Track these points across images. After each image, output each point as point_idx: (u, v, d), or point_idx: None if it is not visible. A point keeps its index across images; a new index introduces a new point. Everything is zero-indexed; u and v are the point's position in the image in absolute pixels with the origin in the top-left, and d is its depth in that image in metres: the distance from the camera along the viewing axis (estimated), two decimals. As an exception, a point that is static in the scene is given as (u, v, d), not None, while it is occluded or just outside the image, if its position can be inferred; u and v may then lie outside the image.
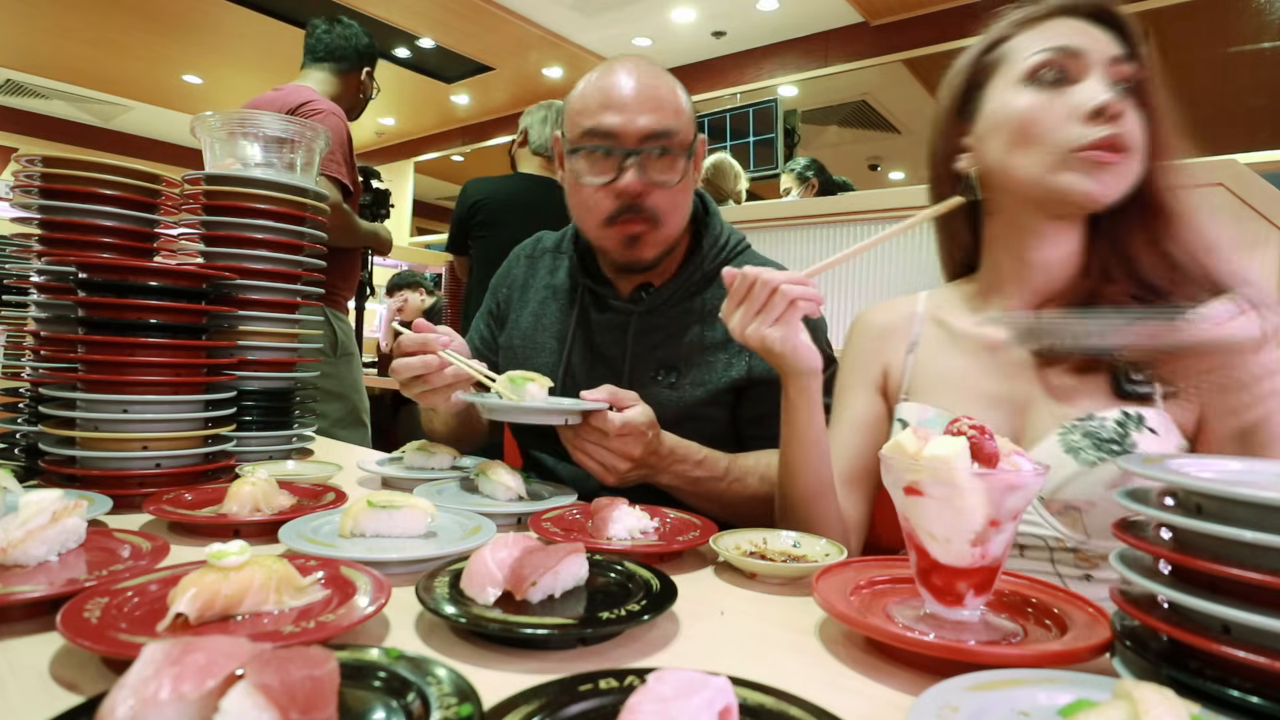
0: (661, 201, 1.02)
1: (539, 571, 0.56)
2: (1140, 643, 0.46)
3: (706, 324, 1.10)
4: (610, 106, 0.99)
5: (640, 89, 1.00)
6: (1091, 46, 0.77)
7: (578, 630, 0.51)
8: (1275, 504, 0.39)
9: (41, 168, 1.00)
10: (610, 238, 1.05)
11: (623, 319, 1.13)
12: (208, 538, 0.73)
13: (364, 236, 2.25)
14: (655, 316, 1.11)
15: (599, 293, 1.14)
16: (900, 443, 0.54)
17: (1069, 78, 0.76)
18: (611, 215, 1.02)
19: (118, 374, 0.90)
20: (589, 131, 1.00)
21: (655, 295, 1.11)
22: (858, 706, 0.45)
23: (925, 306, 0.95)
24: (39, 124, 8.11)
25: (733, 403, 1.10)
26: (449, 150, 8.27)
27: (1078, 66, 0.76)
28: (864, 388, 0.95)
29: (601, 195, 1.02)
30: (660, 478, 0.96)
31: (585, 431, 0.88)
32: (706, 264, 1.12)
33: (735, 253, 1.15)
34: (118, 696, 0.33)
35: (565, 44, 5.98)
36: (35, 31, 6.05)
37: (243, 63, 6.63)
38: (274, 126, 1.20)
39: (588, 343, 1.15)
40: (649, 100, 1.00)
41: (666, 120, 1.00)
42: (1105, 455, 0.73)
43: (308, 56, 2.30)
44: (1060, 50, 0.77)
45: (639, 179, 1.00)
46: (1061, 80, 0.77)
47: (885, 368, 0.95)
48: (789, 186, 3.93)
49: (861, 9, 5.08)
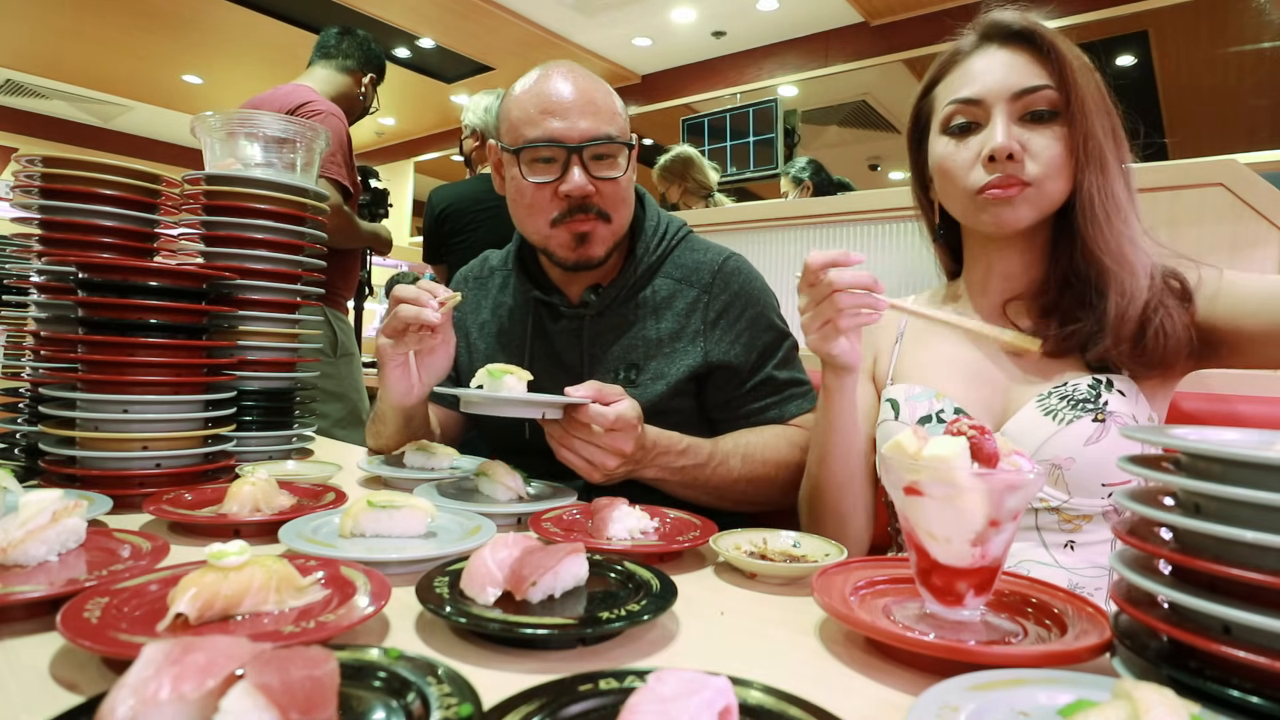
0: (608, 198, 1.05)
1: (539, 571, 0.56)
2: (1140, 643, 0.46)
3: (658, 316, 1.11)
4: (552, 113, 1.02)
5: (578, 94, 1.03)
6: (994, 89, 0.83)
7: (578, 630, 0.51)
8: (1275, 504, 0.39)
9: (41, 168, 1.00)
10: (558, 238, 1.06)
11: (576, 325, 1.14)
12: (208, 538, 0.73)
13: (365, 237, 2.25)
14: (608, 317, 1.12)
15: (549, 302, 1.15)
16: (900, 443, 0.54)
17: (976, 124, 0.85)
18: (559, 215, 1.05)
19: (118, 374, 0.90)
20: (533, 138, 1.03)
21: (604, 295, 1.12)
22: (858, 706, 0.45)
23: (913, 304, 0.99)
24: (39, 124, 8.11)
25: (695, 390, 1.11)
26: (449, 150, 8.26)
27: (980, 113, 0.85)
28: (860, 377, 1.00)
29: (548, 196, 1.04)
30: (645, 471, 0.95)
31: (573, 427, 0.87)
32: (649, 255, 1.13)
33: (677, 239, 1.16)
34: (118, 696, 0.33)
35: (565, 44, 5.98)
36: (35, 31, 6.05)
37: (243, 63, 6.62)
38: (274, 127, 1.20)
39: (548, 353, 1.16)
40: (588, 105, 1.03)
41: (605, 123, 1.03)
42: (1080, 414, 0.80)
43: (316, 53, 2.32)
44: (963, 102, 0.85)
45: (585, 178, 1.02)
46: (968, 128, 0.86)
47: (875, 357, 1.02)
48: (786, 190, 3.93)
49: (861, 9, 5.08)
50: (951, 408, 0.88)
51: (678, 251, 1.16)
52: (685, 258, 1.15)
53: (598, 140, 1.02)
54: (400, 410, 1.10)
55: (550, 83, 1.04)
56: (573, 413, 0.87)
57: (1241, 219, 1.24)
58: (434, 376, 1.05)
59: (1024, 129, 0.83)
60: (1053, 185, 0.83)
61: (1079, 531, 0.82)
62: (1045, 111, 0.82)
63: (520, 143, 1.04)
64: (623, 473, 0.92)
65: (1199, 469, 0.45)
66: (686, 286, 1.12)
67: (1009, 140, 0.81)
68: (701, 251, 1.15)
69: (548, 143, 1.02)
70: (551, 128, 1.01)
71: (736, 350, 1.09)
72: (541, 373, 1.14)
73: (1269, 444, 0.44)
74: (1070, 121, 0.81)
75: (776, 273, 1.99)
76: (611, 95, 1.07)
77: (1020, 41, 0.84)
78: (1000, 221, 0.84)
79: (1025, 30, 0.84)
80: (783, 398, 1.11)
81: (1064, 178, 0.83)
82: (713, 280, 1.12)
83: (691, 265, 1.14)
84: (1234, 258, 1.24)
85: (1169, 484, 0.45)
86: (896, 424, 0.91)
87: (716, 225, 2.19)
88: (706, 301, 1.11)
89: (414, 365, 1.02)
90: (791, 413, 1.11)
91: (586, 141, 1.02)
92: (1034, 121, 0.82)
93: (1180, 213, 1.29)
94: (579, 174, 1.02)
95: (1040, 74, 0.82)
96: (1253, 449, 0.40)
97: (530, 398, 0.86)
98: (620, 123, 1.06)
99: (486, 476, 0.92)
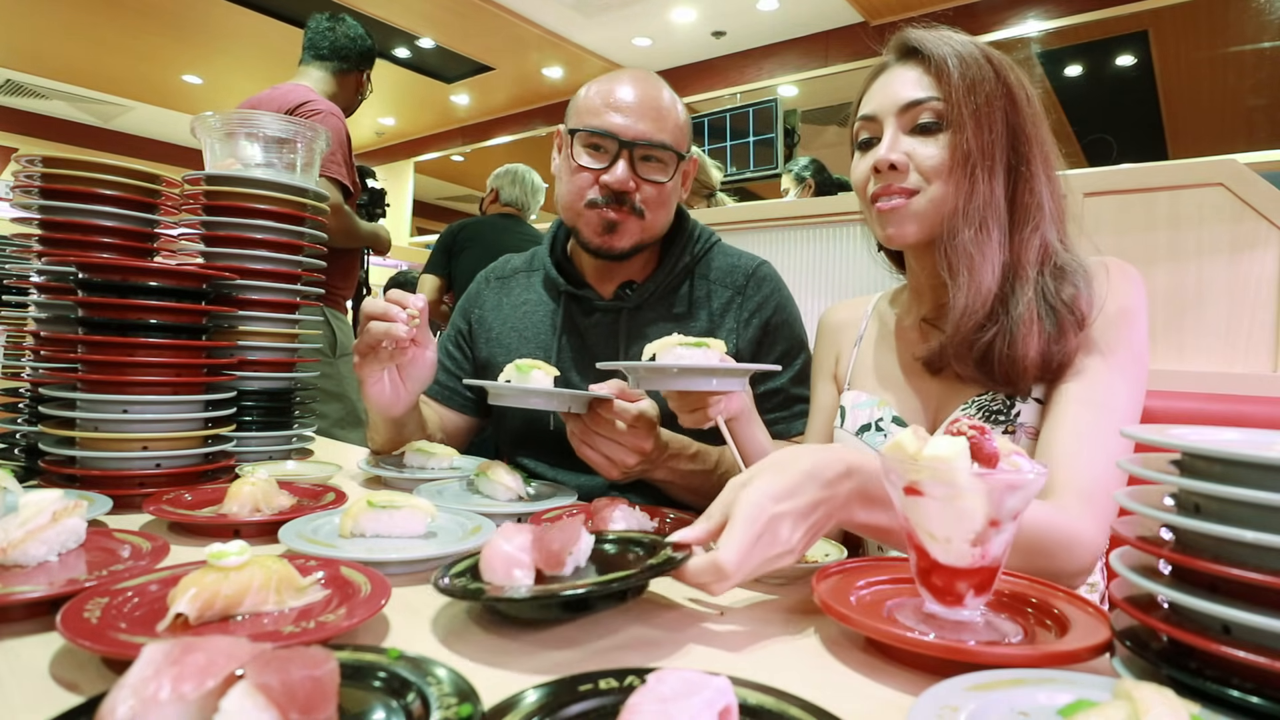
0: (648, 198, 1.08)
1: (571, 541, 0.58)
2: (1140, 643, 0.46)
3: (692, 315, 1.15)
4: (615, 109, 1.07)
5: (644, 99, 1.08)
6: (884, 104, 0.86)
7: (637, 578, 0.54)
8: (1275, 504, 0.39)
9: (41, 168, 1.00)
10: (588, 219, 1.10)
11: (612, 318, 1.15)
12: (208, 538, 0.73)
13: (365, 237, 2.25)
14: (645, 311, 1.15)
15: (582, 297, 1.17)
16: (900, 443, 0.54)
17: (874, 138, 0.88)
18: (595, 200, 1.08)
19: (118, 374, 0.90)
20: (592, 126, 1.07)
21: (640, 290, 1.14)
22: (858, 706, 0.45)
23: (875, 304, 1.05)
24: (39, 124, 8.11)
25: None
26: (449, 150, 8.27)
27: (876, 128, 0.87)
28: (824, 378, 1.05)
29: (590, 180, 1.08)
30: (656, 473, 0.97)
31: (596, 423, 0.89)
32: (685, 257, 1.17)
33: (710, 245, 1.20)
34: (118, 696, 0.33)
35: (565, 44, 5.98)
36: (35, 31, 6.05)
37: (243, 63, 6.63)
38: (274, 127, 1.20)
39: (578, 348, 1.17)
40: (651, 110, 1.07)
41: (663, 132, 1.07)
42: (992, 426, 0.81)
43: (308, 53, 2.30)
44: (863, 119, 0.89)
45: (628, 173, 1.06)
46: (869, 143, 0.89)
47: (837, 358, 1.05)
48: (788, 187, 3.94)
49: (861, 9, 5.08)
50: (890, 416, 0.90)
51: (710, 255, 1.19)
52: (719, 261, 1.19)
53: (651, 143, 1.06)
54: (388, 420, 1.10)
55: (623, 82, 1.09)
56: (597, 408, 0.89)
57: (1241, 219, 1.24)
58: (418, 384, 1.05)
59: (914, 140, 0.84)
60: (937, 192, 0.83)
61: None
62: (931, 123, 0.83)
63: (581, 126, 1.08)
64: (639, 471, 0.93)
65: (1199, 469, 0.45)
66: (721, 288, 1.16)
67: (888, 151, 0.84)
68: (735, 256, 1.20)
69: (604, 133, 1.06)
70: (611, 121, 1.06)
71: (761, 352, 1.13)
72: (570, 367, 1.16)
73: (1269, 444, 0.44)
74: (954, 130, 0.82)
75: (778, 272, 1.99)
76: (677, 109, 1.11)
77: (914, 57, 0.86)
78: (889, 235, 0.86)
79: (915, 46, 0.86)
80: (790, 414, 1.13)
81: (950, 185, 0.83)
82: (747, 283, 1.16)
83: (726, 268, 1.18)
84: (1234, 258, 1.25)
85: (1169, 484, 0.45)
86: (841, 432, 0.95)
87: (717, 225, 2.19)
88: (740, 302, 1.14)
89: (396, 376, 1.02)
90: (797, 430, 1.12)
91: (640, 141, 1.06)
92: (922, 133, 0.84)
93: (1180, 213, 1.29)
94: (624, 168, 1.06)
95: (928, 86, 0.84)
96: (1253, 449, 0.40)
97: (556, 391, 0.88)
98: (679, 135, 1.10)
99: (486, 476, 0.92)
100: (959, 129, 0.82)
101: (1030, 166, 0.83)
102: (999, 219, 0.82)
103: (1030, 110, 0.84)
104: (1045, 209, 0.83)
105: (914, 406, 0.91)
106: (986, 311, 0.80)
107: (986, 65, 0.83)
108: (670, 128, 1.08)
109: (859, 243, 1.85)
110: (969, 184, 0.81)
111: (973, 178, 0.81)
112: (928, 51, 0.85)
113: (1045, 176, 0.84)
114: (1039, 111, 0.85)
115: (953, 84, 0.82)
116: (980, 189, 0.81)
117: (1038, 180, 0.83)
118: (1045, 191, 0.83)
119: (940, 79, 0.83)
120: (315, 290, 1.22)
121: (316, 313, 1.26)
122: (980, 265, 0.81)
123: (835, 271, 1.93)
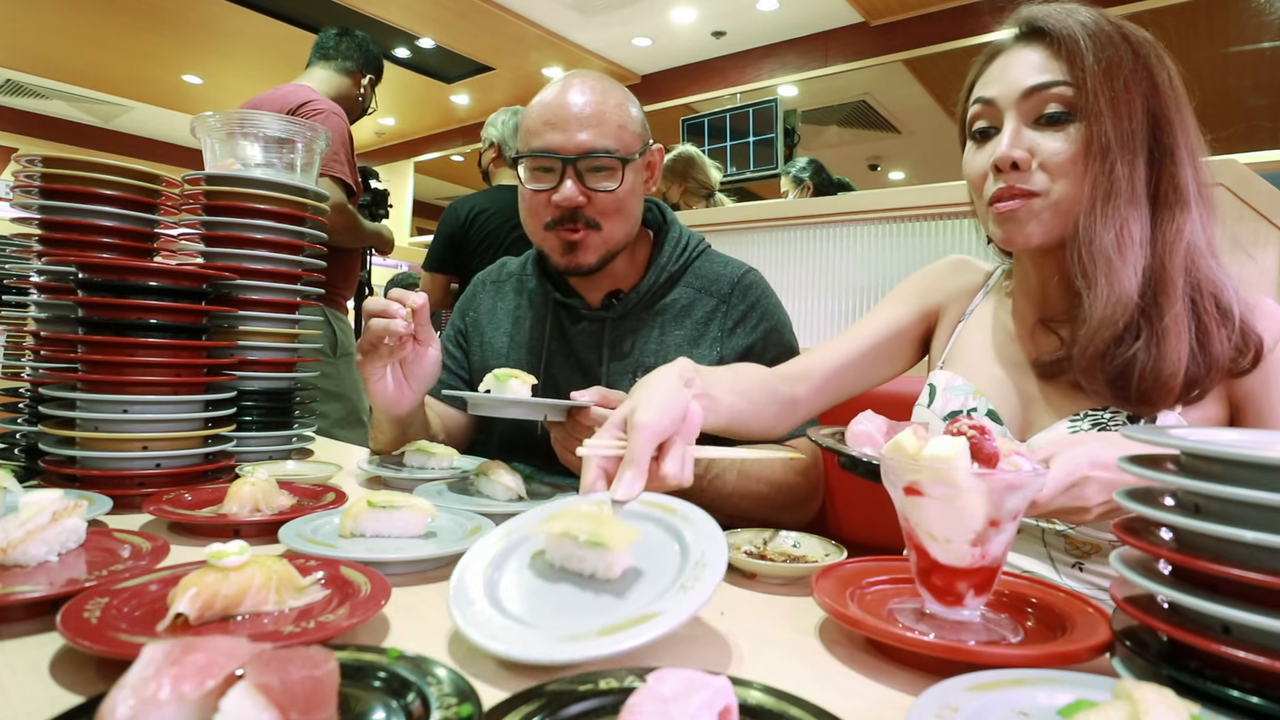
0: (601, 208, 1.08)
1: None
2: (1140, 643, 0.46)
3: (677, 323, 1.15)
4: (553, 124, 1.06)
5: (580, 108, 1.06)
6: (1005, 90, 0.77)
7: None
8: (1275, 504, 0.39)
9: (41, 168, 1.00)
10: (550, 243, 1.11)
11: (597, 327, 1.16)
12: (208, 538, 0.73)
13: (368, 236, 2.25)
14: (629, 321, 1.15)
15: (570, 305, 1.18)
16: (900, 443, 0.54)
17: (992, 128, 0.79)
18: (551, 221, 1.09)
19: (118, 374, 0.90)
20: (533, 148, 1.07)
21: (625, 300, 1.15)
22: (858, 706, 0.45)
23: (995, 279, 0.96)
24: (39, 124, 8.11)
25: None
26: (449, 150, 8.27)
27: (994, 115, 0.79)
28: (908, 311, 0.98)
29: (543, 202, 1.08)
30: None
31: (577, 430, 0.89)
32: (671, 265, 1.17)
33: (698, 252, 1.20)
34: (118, 696, 0.33)
35: (565, 44, 5.98)
36: (35, 31, 6.05)
37: (243, 63, 6.63)
38: (274, 127, 1.20)
39: (566, 354, 1.18)
40: (589, 119, 1.06)
41: (605, 138, 1.06)
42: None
43: (315, 55, 2.32)
44: (980, 103, 0.80)
45: (576, 189, 1.06)
46: (986, 132, 0.80)
47: (940, 314, 0.98)
48: (787, 189, 3.94)
49: (861, 9, 5.08)
50: (986, 409, 0.84)
51: (698, 263, 1.19)
52: (705, 269, 1.18)
53: (593, 154, 1.05)
54: (393, 419, 1.10)
55: (560, 94, 1.07)
56: (576, 415, 0.89)
57: (1242, 219, 1.24)
58: (423, 383, 1.04)
59: (1038, 133, 0.76)
60: (1064, 192, 0.75)
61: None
62: (1059, 113, 0.75)
63: (523, 151, 1.09)
64: None
65: (1199, 469, 0.45)
66: (706, 296, 1.16)
67: (1010, 148, 0.75)
68: (721, 264, 1.19)
69: (545, 153, 1.06)
70: (550, 139, 1.06)
71: (749, 359, 1.11)
72: (559, 373, 1.16)
73: (1269, 444, 0.44)
74: (1089, 120, 0.73)
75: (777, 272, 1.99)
76: (624, 109, 1.09)
77: (1038, 36, 0.77)
78: (1008, 239, 0.79)
79: (1038, 22, 0.77)
80: None
81: (1082, 183, 0.74)
82: (731, 291, 1.15)
83: (712, 276, 1.17)
84: (1234, 258, 1.25)
85: (1169, 484, 0.45)
86: (928, 412, 0.88)
87: (717, 225, 2.19)
88: (725, 311, 1.14)
89: (400, 374, 1.02)
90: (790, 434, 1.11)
91: (581, 154, 1.05)
92: (1048, 124, 0.75)
93: (1180, 213, 1.29)
94: (570, 185, 1.06)
95: (1054, 69, 0.75)
96: (1253, 449, 0.40)
97: (533, 400, 0.88)
98: (625, 137, 1.08)
99: (486, 476, 0.92)
100: (1095, 118, 0.73)
101: (1175, 157, 0.74)
102: (1141, 219, 0.73)
103: (1173, 93, 0.75)
104: (1191, 206, 0.74)
105: (1012, 406, 0.83)
106: (1126, 322, 0.72)
107: (1124, 44, 0.74)
108: (612, 131, 1.06)
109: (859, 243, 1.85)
110: (1108, 180, 0.73)
111: (1112, 174, 0.73)
112: (1053, 29, 0.75)
113: (1192, 167, 0.74)
114: (1182, 94, 0.75)
115: (1085, 66, 0.73)
116: (1121, 186, 0.72)
117: (1183, 172, 0.74)
118: (1192, 185, 0.74)
119: (1071, 62, 0.74)
120: (316, 290, 1.22)
121: (317, 313, 1.26)
122: (1121, 270, 0.72)
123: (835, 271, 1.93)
